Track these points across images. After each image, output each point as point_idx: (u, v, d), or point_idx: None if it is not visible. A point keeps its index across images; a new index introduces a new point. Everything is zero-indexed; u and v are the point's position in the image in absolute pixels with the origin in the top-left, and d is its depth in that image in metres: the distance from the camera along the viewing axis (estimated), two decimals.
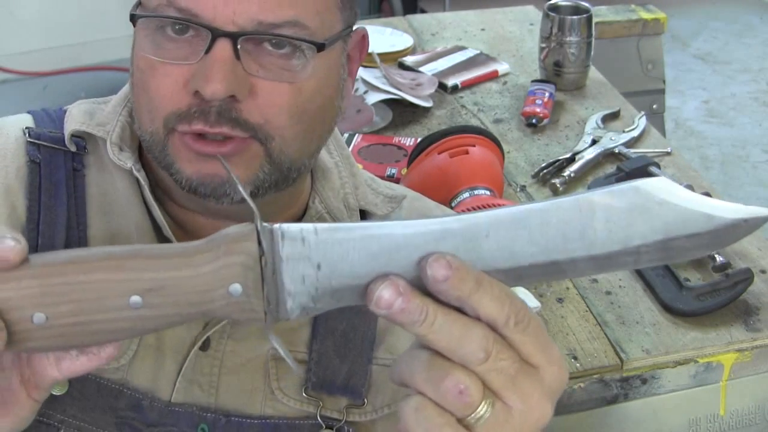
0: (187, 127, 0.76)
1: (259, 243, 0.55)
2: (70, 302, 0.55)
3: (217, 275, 0.55)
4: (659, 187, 0.58)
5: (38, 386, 0.59)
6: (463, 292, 0.54)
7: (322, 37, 0.77)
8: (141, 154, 0.86)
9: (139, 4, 0.78)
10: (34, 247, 0.81)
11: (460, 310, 0.55)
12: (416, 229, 0.56)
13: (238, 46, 0.74)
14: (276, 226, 0.56)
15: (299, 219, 0.89)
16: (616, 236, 0.57)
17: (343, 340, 0.86)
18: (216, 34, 0.73)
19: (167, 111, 0.76)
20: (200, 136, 0.76)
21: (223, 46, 0.73)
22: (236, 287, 0.55)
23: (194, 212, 0.85)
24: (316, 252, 0.56)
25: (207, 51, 0.74)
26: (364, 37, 0.86)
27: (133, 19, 0.77)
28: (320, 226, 0.56)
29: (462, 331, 0.54)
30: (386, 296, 0.54)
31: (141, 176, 0.83)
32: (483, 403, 0.55)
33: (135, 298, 0.55)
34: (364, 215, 0.92)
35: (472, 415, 0.55)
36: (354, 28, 0.83)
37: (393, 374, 0.57)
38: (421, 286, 0.55)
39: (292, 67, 0.76)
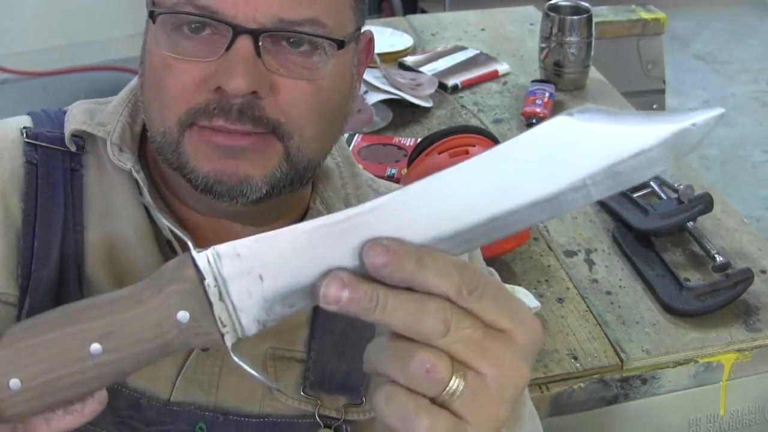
0: (207, 123, 0.75)
1: (197, 268, 0.56)
2: (38, 362, 0.57)
3: (164, 306, 0.57)
4: (589, 113, 0.55)
5: None
6: (405, 273, 0.54)
7: (339, 36, 0.77)
8: (141, 156, 0.86)
9: (153, 3, 0.78)
10: (30, 249, 0.81)
11: (412, 289, 0.54)
12: (345, 214, 0.56)
13: (260, 43, 0.74)
14: (209, 249, 0.57)
15: (300, 220, 0.89)
16: (556, 174, 0.54)
17: (341, 338, 0.86)
18: (237, 30, 0.73)
19: (183, 108, 0.76)
20: (219, 131, 0.76)
21: (244, 43, 0.73)
22: (183, 314, 0.57)
23: (198, 213, 0.85)
24: (255, 264, 0.56)
25: (228, 48, 0.74)
26: (370, 41, 0.87)
27: (152, 15, 0.76)
28: (251, 238, 0.57)
29: (416, 309, 0.54)
30: (332, 291, 0.54)
31: (140, 177, 0.82)
32: (454, 377, 0.54)
33: (95, 346, 0.57)
34: None
35: (445, 391, 0.54)
36: (362, 31, 0.83)
37: (364, 365, 0.57)
38: (367, 272, 0.55)
39: (312, 64, 0.76)
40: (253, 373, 0.58)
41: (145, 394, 0.81)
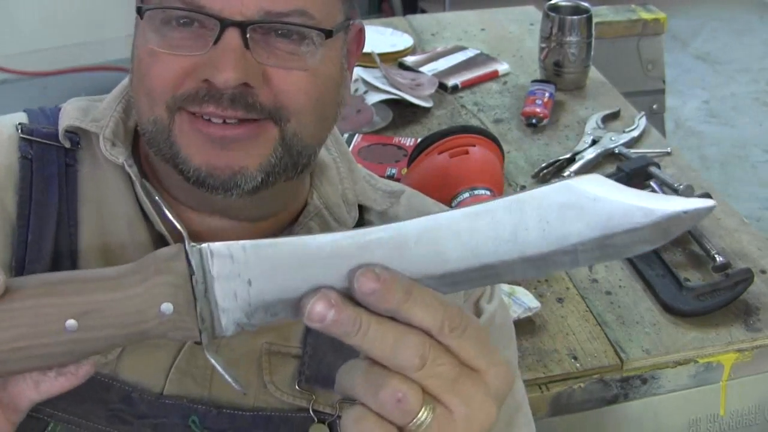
0: (198, 108, 0.75)
1: (189, 263, 0.56)
2: (8, 329, 0.56)
3: (148, 295, 0.57)
4: (592, 183, 0.56)
5: (16, 409, 0.60)
6: (391, 304, 0.54)
7: (328, 25, 0.77)
8: (134, 152, 0.86)
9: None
10: (24, 243, 0.81)
11: (396, 318, 0.55)
12: (344, 240, 0.56)
13: (248, 36, 0.74)
14: (204, 245, 0.57)
15: (298, 216, 0.89)
16: (551, 236, 0.56)
17: None
18: (225, 23, 0.73)
19: (170, 93, 0.76)
20: (210, 119, 0.76)
21: (232, 36, 0.74)
22: (168, 306, 0.57)
23: (190, 208, 0.85)
24: (246, 268, 0.57)
25: (216, 41, 0.74)
26: (361, 31, 0.87)
27: (140, 12, 0.77)
28: (248, 242, 0.57)
29: (396, 340, 0.54)
30: (318, 309, 0.54)
31: (132, 171, 0.83)
32: (423, 409, 0.55)
33: (70, 322, 0.56)
34: (363, 211, 0.92)
35: (413, 421, 0.55)
36: (352, 22, 0.83)
37: (336, 385, 0.58)
38: (353, 295, 0.56)
39: (301, 53, 0.76)
40: (224, 374, 0.58)
41: (137, 387, 0.81)
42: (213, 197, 0.78)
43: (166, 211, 0.62)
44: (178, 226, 0.58)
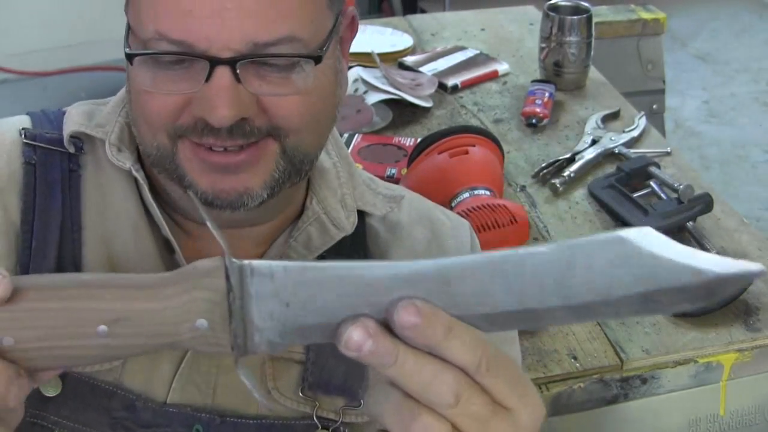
0: (197, 139, 0.76)
1: (227, 278, 0.56)
2: (39, 328, 0.56)
3: (184, 309, 0.56)
4: (645, 237, 0.56)
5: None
6: (431, 340, 0.54)
7: (317, 42, 0.76)
8: (139, 156, 0.86)
9: (129, 30, 0.78)
10: (29, 248, 0.81)
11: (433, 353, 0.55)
12: (388, 271, 0.56)
13: (237, 71, 0.73)
14: (246, 262, 0.56)
15: (296, 220, 0.89)
16: (596, 287, 0.55)
17: None
18: (214, 63, 0.73)
19: (171, 125, 0.76)
20: (210, 147, 0.76)
21: (222, 73, 0.73)
22: (202, 322, 0.56)
23: (189, 220, 0.86)
24: (285, 290, 0.56)
25: (207, 79, 0.73)
26: (354, 18, 0.86)
27: (130, 58, 0.76)
28: (290, 264, 0.56)
29: (432, 376, 0.54)
30: (356, 337, 0.54)
31: (140, 176, 0.83)
32: None
33: (102, 328, 0.56)
34: (364, 215, 0.92)
35: None
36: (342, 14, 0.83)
37: (364, 408, 0.57)
38: (392, 326, 0.55)
39: (293, 80, 0.76)
40: (253, 391, 0.57)
41: (141, 395, 0.81)
42: (221, 213, 0.79)
43: (209, 223, 0.59)
44: (221, 242, 0.57)
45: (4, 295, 0.55)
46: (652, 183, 1.57)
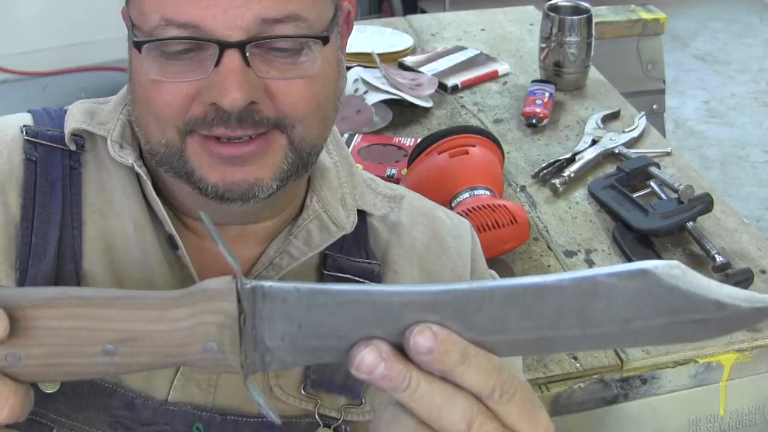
0: (208, 131, 0.76)
1: (239, 301, 0.55)
2: (44, 346, 0.55)
3: (194, 332, 0.55)
4: (670, 271, 0.55)
5: None
6: (446, 365, 0.54)
7: (321, 27, 0.78)
8: (141, 152, 0.86)
9: (133, 26, 0.78)
10: (28, 245, 0.81)
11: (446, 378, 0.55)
12: (403, 297, 0.55)
13: (247, 54, 0.74)
14: (258, 284, 0.55)
15: (296, 218, 0.89)
16: (616, 318, 0.55)
17: None
18: (223, 46, 0.74)
19: (181, 119, 0.77)
20: (220, 139, 0.77)
21: (232, 56, 0.74)
22: (212, 345, 0.55)
23: (190, 217, 0.86)
24: (298, 313, 0.55)
25: (217, 63, 0.74)
26: (349, 13, 0.88)
27: (138, 46, 0.76)
28: (302, 286, 0.55)
29: (444, 401, 0.54)
30: (368, 361, 0.54)
31: (143, 171, 0.83)
32: None
33: (109, 347, 0.55)
34: (364, 215, 0.92)
35: None
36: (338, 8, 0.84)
37: (372, 424, 0.57)
38: (406, 351, 0.55)
39: (301, 63, 0.77)
40: (264, 407, 0.57)
41: (141, 394, 0.81)
42: (230, 207, 0.79)
43: (219, 245, 0.57)
44: (231, 262, 0.56)
45: (3, 334, 0.54)
46: (652, 183, 1.57)
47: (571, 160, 1.66)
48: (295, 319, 0.55)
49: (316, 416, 0.84)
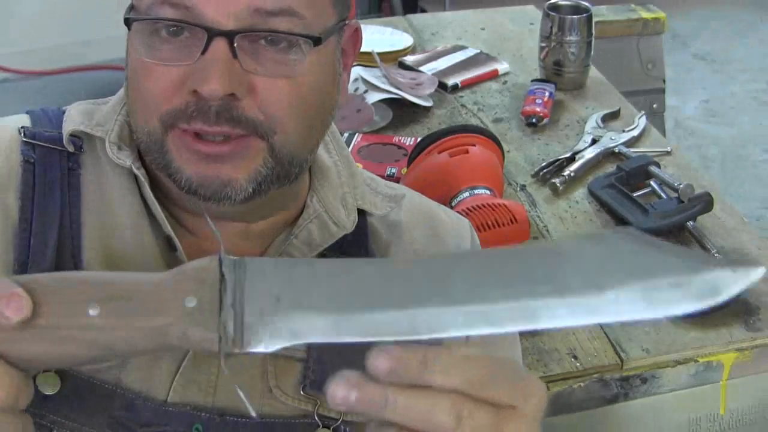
0: (187, 125, 0.76)
1: (222, 275, 0.57)
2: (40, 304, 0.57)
3: (175, 287, 0.57)
4: (625, 236, 0.56)
5: None
6: (412, 376, 0.55)
7: (317, 29, 0.77)
8: (140, 154, 0.86)
9: (131, 8, 0.79)
10: (27, 247, 0.81)
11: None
12: (378, 266, 0.57)
13: (235, 45, 0.74)
14: (239, 259, 0.57)
15: (296, 218, 0.89)
16: (590, 283, 0.55)
17: None
18: (212, 33, 0.74)
19: (164, 109, 0.77)
20: (199, 135, 0.77)
21: (219, 45, 0.74)
22: (191, 299, 0.57)
23: (187, 212, 0.85)
24: (276, 286, 0.57)
25: (204, 51, 0.74)
26: (357, 31, 0.87)
27: (128, 22, 0.77)
28: (281, 260, 0.58)
29: (427, 406, 0.55)
30: (340, 394, 0.55)
31: (141, 173, 0.83)
32: None
33: (93, 309, 0.57)
34: (364, 214, 0.92)
35: None
36: (347, 22, 0.83)
37: None
38: None
39: (289, 62, 0.76)
40: (240, 393, 0.58)
41: (141, 394, 0.81)
42: (207, 204, 0.79)
43: (208, 220, 0.61)
44: (215, 232, 0.59)
45: (27, 313, 0.55)
46: (652, 182, 1.57)
47: (571, 160, 1.66)
48: (274, 292, 0.56)
49: (316, 417, 0.84)
